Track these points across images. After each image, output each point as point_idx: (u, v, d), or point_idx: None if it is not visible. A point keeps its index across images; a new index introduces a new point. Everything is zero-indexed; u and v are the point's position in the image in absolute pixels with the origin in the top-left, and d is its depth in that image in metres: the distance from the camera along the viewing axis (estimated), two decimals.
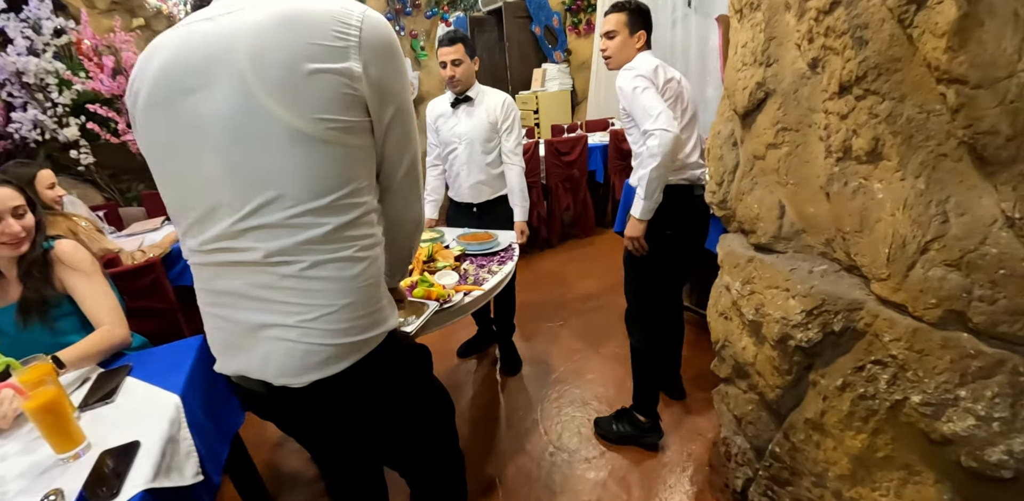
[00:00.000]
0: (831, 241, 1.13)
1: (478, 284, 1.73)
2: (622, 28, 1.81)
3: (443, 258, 1.89)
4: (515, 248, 2.11)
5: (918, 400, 0.96)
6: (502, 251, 2.07)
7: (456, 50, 2.25)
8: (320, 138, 0.80)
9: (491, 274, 1.83)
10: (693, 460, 2.04)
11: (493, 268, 1.89)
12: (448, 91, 2.42)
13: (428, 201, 2.58)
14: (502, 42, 6.79)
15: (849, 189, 1.04)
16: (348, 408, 0.97)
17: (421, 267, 1.79)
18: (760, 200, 1.28)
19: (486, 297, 1.70)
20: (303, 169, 0.81)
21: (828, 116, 1.07)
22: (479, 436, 2.25)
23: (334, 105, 0.80)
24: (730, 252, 1.43)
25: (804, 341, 1.14)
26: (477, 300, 1.66)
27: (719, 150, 1.52)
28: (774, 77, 1.20)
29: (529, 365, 2.77)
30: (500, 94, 2.40)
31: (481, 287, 1.69)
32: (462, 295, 1.62)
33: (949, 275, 0.89)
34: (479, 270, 1.88)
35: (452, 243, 2.13)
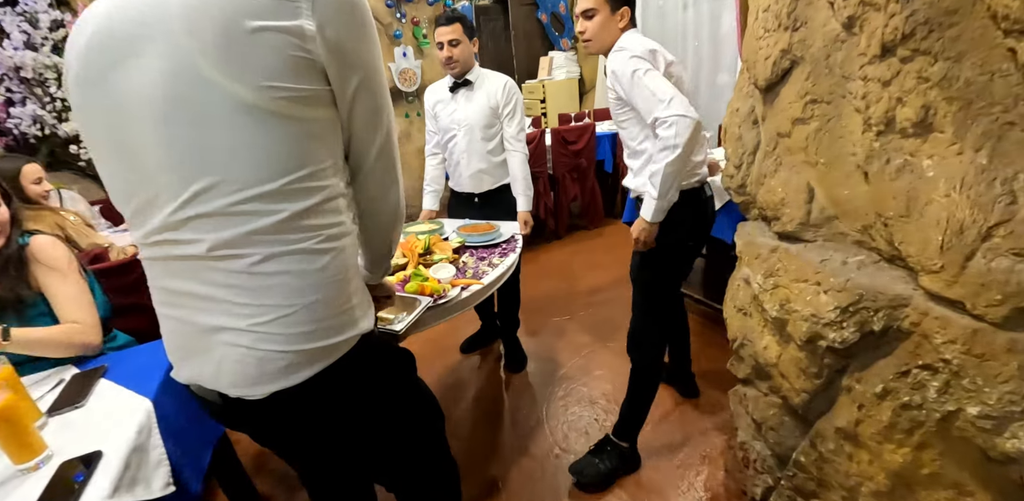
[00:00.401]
0: (869, 228, 0.99)
1: (477, 278, 1.61)
2: (601, 5, 1.59)
3: (440, 250, 1.77)
4: (518, 240, 1.98)
5: (975, 412, 0.83)
6: (504, 243, 1.94)
7: (454, 30, 2.12)
8: (268, 110, 0.68)
9: (492, 267, 1.70)
10: (708, 463, 1.91)
11: (494, 261, 1.77)
12: (447, 76, 2.29)
13: (428, 191, 2.46)
14: (508, 31, 6.63)
15: (892, 167, 0.90)
16: (317, 421, 0.86)
17: (417, 260, 1.67)
18: (785, 183, 1.14)
19: (486, 292, 1.58)
20: (248, 147, 0.68)
21: (867, 84, 0.93)
22: (481, 436, 2.15)
23: (283, 70, 0.67)
24: (750, 242, 1.29)
25: (837, 342, 1.00)
26: (476, 295, 1.53)
27: (737, 129, 1.38)
28: (802, 43, 1.06)
29: (535, 361, 2.66)
30: (501, 77, 2.26)
31: (480, 281, 1.57)
32: (459, 290, 1.50)
33: (1018, 266, 0.75)
34: (479, 263, 1.76)
35: (452, 235, 2.00)
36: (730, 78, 4.51)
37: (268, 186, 0.70)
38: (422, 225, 2.11)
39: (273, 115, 0.68)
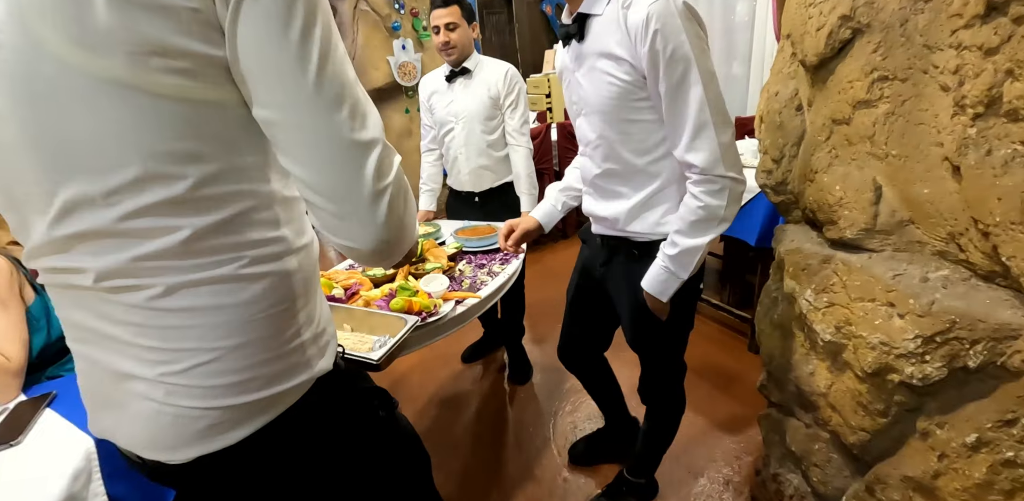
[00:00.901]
0: (958, 236, 0.79)
1: (474, 290, 1.42)
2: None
3: (434, 258, 1.58)
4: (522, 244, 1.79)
5: None
6: None
7: (451, 12, 1.94)
8: (145, 88, 0.47)
9: (491, 276, 1.52)
10: (732, 489, 1.73)
11: (494, 269, 1.58)
12: (443, 65, 2.10)
13: (424, 191, 2.29)
14: (512, 24, 6.46)
15: (997, 159, 0.70)
16: (263, 486, 0.67)
17: (407, 270, 1.48)
18: (843, 179, 0.94)
19: (483, 306, 1.39)
20: (117, 139, 0.49)
21: (961, 53, 0.73)
22: (482, 455, 1.97)
23: (160, 30, 0.46)
24: (794, 250, 1.10)
25: (917, 378, 0.81)
26: (472, 310, 1.35)
27: (777, 117, 1.18)
28: (869, 6, 0.86)
29: (541, 372, 2.47)
30: (502, 64, 2.07)
31: (477, 294, 1.38)
32: (453, 304, 1.31)
33: None
34: (477, 271, 1.57)
35: (449, 238, 1.81)
36: (743, 69, 4.30)
37: (158, 194, 0.51)
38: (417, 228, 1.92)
39: (154, 97, 0.48)
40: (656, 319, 1.22)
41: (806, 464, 1.22)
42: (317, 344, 0.66)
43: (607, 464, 1.83)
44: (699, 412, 2.07)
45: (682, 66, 0.94)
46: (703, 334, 2.64)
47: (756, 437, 1.79)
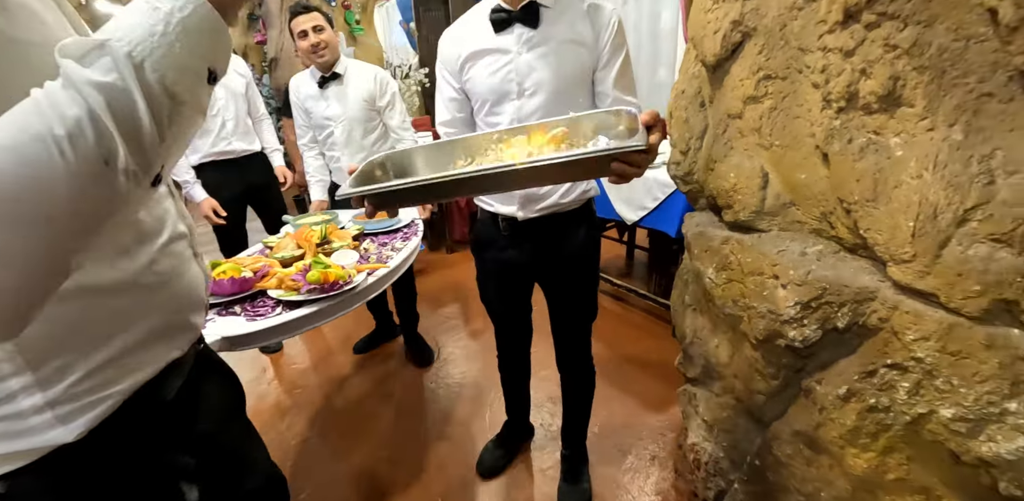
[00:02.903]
0: (829, 215, 0.90)
1: (382, 262, 1.51)
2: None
3: (339, 238, 1.65)
4: (419, 224, 1.89)
5: (949, 414, 0.75)
6: (405, 227, 1.85)
7: (313, 17, 2.03)
8: None
9: (395, 251, 1.61)
10: (658, 464, 1.84)
11: (396, 245, 1.68)
12: (310, 69, 2.15)
13: (314, 182, 2.33)
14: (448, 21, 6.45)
15: (856, 147, 0.82)
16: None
17: (315, 250, 1.53)
18: (737, 168, 1.05)
19: (392, 276, 1.48)
20: None
21: (827, 55, 0.84)
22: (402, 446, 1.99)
23: None
24: (699, 233, 1.20)
25: (798, 340, 0.92)
26: (383, 279, 1.44)
27: (683, 113, 1.28)
28: (755, 13, 0.96)
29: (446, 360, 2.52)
30: (371, 68, 2.18)
31: (386, 264, 1.47)
32: (365, 275, 1.37)
33: (997, 254, 0.68)
34: (381, 249, 1.66)
35: (348, 224, 1.88)
36: (668, 74, 4.51)
37: None
38: (314, 216, 1.96)
39: None
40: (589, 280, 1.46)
41: (717, 431, 1.34)
42: (55, 411, 0.56)
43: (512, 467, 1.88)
44: (628, 394, 2.18)
45: (623, 51, 1.21)
46: (631, 322, 2.78)
47: (679, 415, 1.92)
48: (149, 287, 0.62)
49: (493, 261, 1.48)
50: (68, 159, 0.39)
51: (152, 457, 0.67)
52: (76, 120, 0.39)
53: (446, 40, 1.30)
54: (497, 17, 1.19)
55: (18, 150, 0.38)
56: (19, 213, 0.39)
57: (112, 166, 0.41)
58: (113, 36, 0.41)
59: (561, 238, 1.37)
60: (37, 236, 0.41)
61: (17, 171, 0.38)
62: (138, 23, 0.42)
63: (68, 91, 0.40)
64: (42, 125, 0.38)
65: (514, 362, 1.73)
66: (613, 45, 1.18)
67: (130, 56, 0.41)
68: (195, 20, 0.43)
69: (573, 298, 1.47)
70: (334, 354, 2.65)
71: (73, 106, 0.39)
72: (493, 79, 1.22)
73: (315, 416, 2.19)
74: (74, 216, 0.42)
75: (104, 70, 0.40)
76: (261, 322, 1.19)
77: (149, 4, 0.42)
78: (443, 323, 2.89)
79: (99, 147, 0.40)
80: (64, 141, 0.39)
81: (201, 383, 0.76)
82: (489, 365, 2.42)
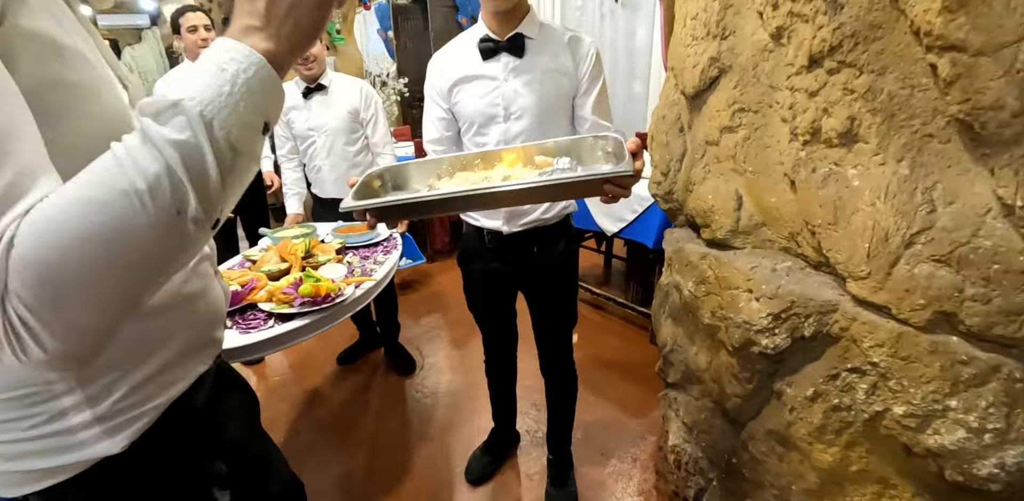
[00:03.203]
0: (796, 235, 1.01)
1: (367, 275, 1.58)
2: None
3: (323, 252, 1.69)
4: (397, 238, 1.95)
5: (901, 412, 0.86)
6: (384, 241, 1.91)
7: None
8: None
9: (378, 264, 1.68)
10: (639, 466, 1.93)
11: (378, 258, 1.75)
12: (294, 79, 2.20)
13: (290, 195, 2.36)
14: (427, 31, 6.51)
15: (819, 176, 0.92)
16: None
17: (300, 263, 1.58)
18: (714, 190, 1.15)
19: (378, 287, 1.55)
20: None
21: (794, 94, 0.95)
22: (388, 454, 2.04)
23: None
24: (679, 249, 1.30)
25: (770, 348, 1.02)
26: (370, 291, 1.50)
27: (664, 137, 1.39)
28: (730, 51, 1.07)
29: (429, 369, 2.58)
30: (356, 81, 2.23)
31: (372, 277, 1.53)
32: (353, 288, 1.44)
33: (938, 272, 0.79)
34: (364, 262, 1.72)
35: (328, 237, 1.92)
36: (643, 88, 4.66)
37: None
38: (292, 229, 1.98)
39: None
40: (569, 290, 1.56)
41: (696, 432, 1.43)
42: (103, 425, 0.60)
43: (500, 473, 1.94)
44: (608, 400, 2.27)
45: (601, 80, 1.32)
46: (610, 329, 2.88)
47: (659, 418, 2.02)
48: (183, 306, 0.67)
49: (479, 272, 1.56)
50: (148, 211, 0.43)
51: (188, 465, 0.71)
52: (156, 176, 0.43)
53: (436, 64, 1.39)
54: (485, 46, 1.28)
55: (106, 204, 0.42)
56: (106, 260, 0.44)
57: (183, 215, 0.46)
58: (185, 95, 0.45)
59: (542, 250, 1.46)
60: (118, 280, 0.46)
61: (105, 222, 0.42)
62: (208, 84, 0.46)
63: (147, 147, 0.44)
64: (126, 181, 0.43)
65: (501, 366, 1.81)
66: (592, 75, 1.29)
67: (202, 115, 0.45)
68: (257, 80, 0.47)
69: (554, 306, 1.57)
70: (317, 365, 2.66)
71: (153, 163, 0.43)
72: (480, 103, 1.31)
73: (299, 427, 2.21)
74: (149, 260, 0.47)
75: (179, 128, 0.44)
76: (255, 334, 1.22)
77: (217, 66, 0.46)
78: (426, 332, 2.93)
79: (174, 199, 0.45)
80: (145, 195, 0.43)
81: (223, 393, 0.81)
82: (472, 374, 2.48)
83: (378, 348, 2.73)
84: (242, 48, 0.47)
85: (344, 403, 2.36)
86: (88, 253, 0.42)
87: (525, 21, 1.27)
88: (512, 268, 1.50)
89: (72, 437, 0.59)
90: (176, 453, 0.70)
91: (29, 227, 0.41)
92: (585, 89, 1.30)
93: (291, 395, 2.43)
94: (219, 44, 0.48)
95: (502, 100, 1.29)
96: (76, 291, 0.43)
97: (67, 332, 0.45)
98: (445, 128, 1.41)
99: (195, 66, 0.47)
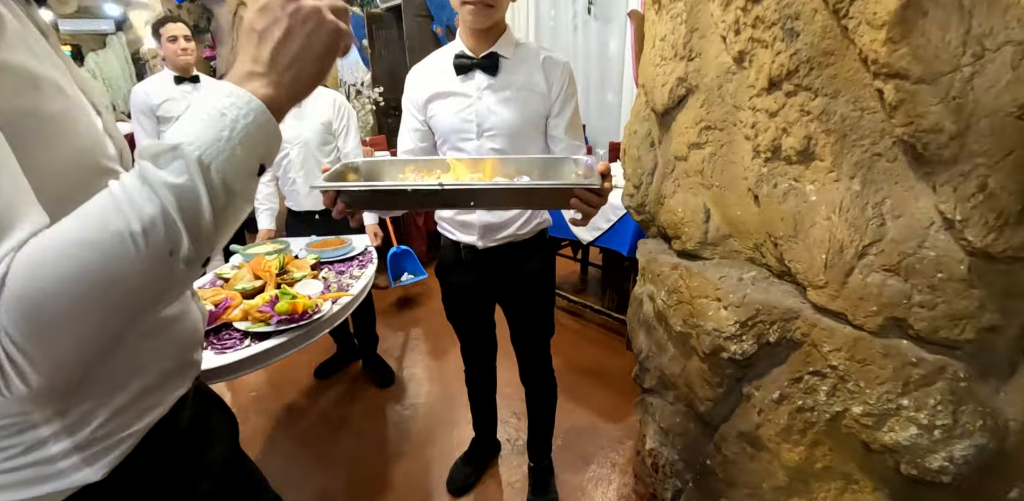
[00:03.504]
0: (760, 246, 1.07)
1: (344, 290, 1.58)
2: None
3: (298, 268, 1.67)
4: (372, 251, 1.96)
5: (859, 411, 0.92)
6: (359, 255, 1.91)
7: None
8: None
9: (354, 279, 1.68)
10: (619, 471, 1.97)
11: (354, 273, 1.75)
12: None
13: (263, 210, 2.34)
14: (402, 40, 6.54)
15: (780, 191, 0.98)
16: None
17: (275, 280, 1.56)
18: (683, 203, 1.21)
19: (355, 302, 1.56)
20: None
21: (756, 113, 1.01)
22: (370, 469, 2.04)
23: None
24: (652, 259, 1.36)
25: (738, 354, 1.07)
26: (347, 307, 1.50)
27: (636, 151, 1.44)
28: (696, 72, 1.13)
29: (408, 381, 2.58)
30: (330, 93, 2.25)
31: (349, 292, 1.54)
32: (330, 303, 1.44)
33: (888, 281, 0.85)
34: (340, 277, 1.72)
35: (302, 253, 1.91)
36: (615, 98, 4.77)
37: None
38: (264, 245, 1.94)
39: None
40: (545, 301, 1.60)
41: (672, 435, 1.48)
42: (82, 453, 0.59)
43: (481, 483, 1.96)
44: (586, 406, 2.31)
45: (573, 101, 1.35)
46: (587, 336, 2.93)
47: (636, 423, 2.06)
48: (162, 330, 0.67)
49: (457, 285, 1.60)
50: (141, 252, 0.44)
51: (172, 488, 0.72)
52: (151, 218, 0.44)
53: (413, 77, 1.43)
54: (460, 63, 1.32)
55: (101, 245, 0.43)
56: (95, 299, 0.44)
57: (175, 256, 0.46)
58: (185, 139, 0.46)
59: (518, 264, 1.50)
60: (106, 317, 0.46)
61: (97, 262, 0.43)
62: (207, 128, 0.47)
63: (144, 189, 0.44)
64: (122, 222, 0.43)
65: (481, 376, 1.84)
66: (565, 95, 1.33)
67: (200, 160, 0.46)
68: (255, 126, 0.49)
69: (531, 317, 1.61)
70: (294, 379, 2.64)
71: (148, 205, 0.44)
72: (454, 119, 1.34)
73: (277, 443, 2.19)
74: (138, 298, 0.48)
75: (177, 172, 0.45)
76: (230, 354, 1.20)
77: (217, 110, 0.48)
78: (404, 344, 2.94)
79: (168, 240, 0.45)
80: (140, 236, 0.44)
81: (205, 413, 0.81)
82: (452, 384, 2.50)
83: (356, 360, 2.72)
84: (243, 94, 0.49)
85: (322, 417, 2.35)
86: (79, 292, 0.43)
87: (501, 40, 1.31)
88: (489, 281, 1.54)
89: (51, 466, 0.58)
90: (159, 477, 0.70)
91: (22, 265, 0.42)
92: (559, 110, 1.34)
93: (268, 410, 2.41)
94: (220, 88, 0.50)
95: (475, 117, 1.32)
96: (63, 328, 0.44)
97: (52, 368, 0.45)
98: (420, 139, 1.44)
99: (196, 109, 0.49)
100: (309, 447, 2.15)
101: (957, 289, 0.81)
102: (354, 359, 2.72)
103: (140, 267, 0.45)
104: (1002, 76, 0.70)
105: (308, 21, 0.52)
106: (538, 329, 1.64)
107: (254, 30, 0.52)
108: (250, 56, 0.52)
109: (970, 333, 0.82)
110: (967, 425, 0.84)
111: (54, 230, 0.44)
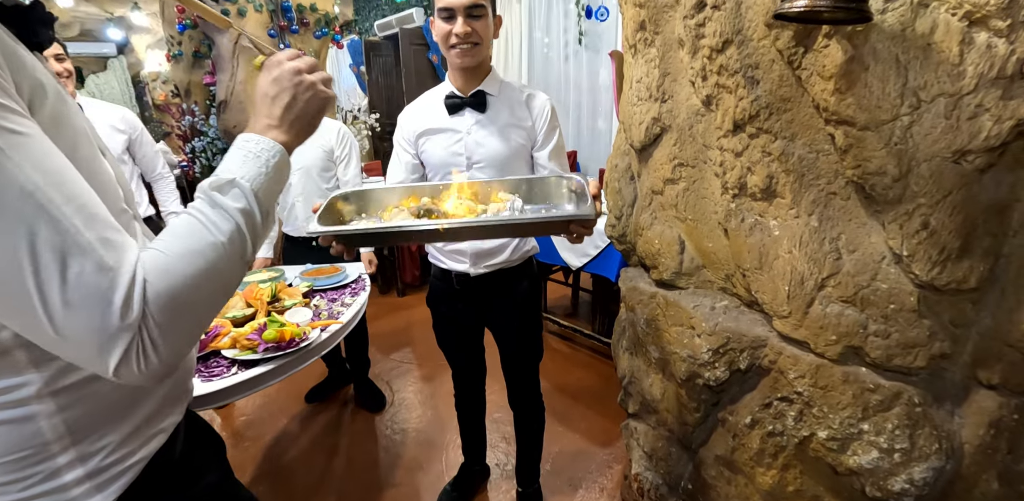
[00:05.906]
0: (731, 277, 1.13)
1: (334, 318, 1.61)
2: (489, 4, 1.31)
3: (289, 296, 1.70)
4: (365, 279, 1.99)
5: (824, 436, 0.96)
6: (352, 283, 1.94)
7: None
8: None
9: (345, 307, 1.70)
10: (607, 496, 1.98)
11: (346, 301, 1.77)
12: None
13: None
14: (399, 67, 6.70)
15: (747, 225, 1.05)
16: None
17: (266, 308, 1.59)
18: (660, 235, 1.27)
19: (345, 330, 1.58)
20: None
21: (723, 153, 1.08)
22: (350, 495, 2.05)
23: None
24: (633, 287, 1.41)
25: (711, 380, 1.12)
26: (336, 334, 1.53)
27: (616, 184, 1.51)
28: (669, 113, 1.20)
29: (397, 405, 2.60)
30: (334, 123, 2.32)
31: (339, 320, 1.56)
32: (319, 331, 1.47)
33: (846, 311, 0.90)
34: (331, 304, 1.74)
35: (296, 281, 1.94)
36: (606, 124, 4.90)
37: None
38: (260, 273, 1.97)
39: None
40: (534, 326, 1.65)
41: (655, 459, 1.51)
42: (93, 481, 0.65)
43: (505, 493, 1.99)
44: (575, 430, 2.34)
45: (556, 132, 1.46)
46: (576, 360, 2.96)
47: (623, 448, 2.08)
48: None
49: (448, 314, 1.66)
50: (231, 257, 0.60)
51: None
52: (231, 231, 0.60)
53: (406, 115, 1.52)
54: (451, 102, 1.42)
55: (204, 252, 0.58)
56: (210, 290, 0.59)
57: (244, 257, 0.63)
58: (237, 175, 0.63)
59: (507, 290, 1.57)
60: (213, 304, 0.61)
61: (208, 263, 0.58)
62: (249, 166, 0.65)
63: (218, 212, 0.60)
64: (211, 236, 0.59)
65: (470, 400, 1.87)
66: (548, 128, 1.44)
67: (252, 189, 0.63)
68: (278, 162, 0.67)
69: (520, 342, 1.66)
70: (284, 404, 2.65)
71: (226, 222, 0.60)
72: (445, 153, 1.44)
73: (267, 468, 2.20)
74: (228, 290, 0.63)
75: (237, 198, 0.62)
76: (217, 382, 1.22)
77: (253, 153, 0.66)
78: (396, 367, 2.96)
79: (243, 246, 0.62)
80: (227, 244, 0.60)
81: (197, 441, 0.85)
82: (443, 409, 2.52)
83: (347, 384, 2.73)
84: (267, 141, 0.67)
85: (313, 442, 2.36)
86: (201, 285, 0.57)
87: (487, 79, 1.41)
88: (478, 308, 1.59)
89: (65, 494, 0.63)
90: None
91: (151, 269, 0.54)
92: (542, 142, 1.44)
93: (259, 435, 2.41)
94: (250, 137, 0.67)
95: (465, 150, 1.42)
96: (191, 313, 0.58)
97: (175, 348, 0.57)
98: (411, 171, 1.52)
99: (235, 153, 0.66)
100: (299, 473, 2.16)
101: (908, 319, 0.86)
102: (346, 383, 2.74)
103: (231, 267, 0.61)
104: (937, 124, 0.77)
105: (308, 91, 0.71)
106: (526, 354, 1.69)
107: (267, 95, 0.71)
108: (264, 114, 0.70)
109: (922, 360, 0.87)
110: (923, 448, 0.88)
111: (160, 245, 0.57)
